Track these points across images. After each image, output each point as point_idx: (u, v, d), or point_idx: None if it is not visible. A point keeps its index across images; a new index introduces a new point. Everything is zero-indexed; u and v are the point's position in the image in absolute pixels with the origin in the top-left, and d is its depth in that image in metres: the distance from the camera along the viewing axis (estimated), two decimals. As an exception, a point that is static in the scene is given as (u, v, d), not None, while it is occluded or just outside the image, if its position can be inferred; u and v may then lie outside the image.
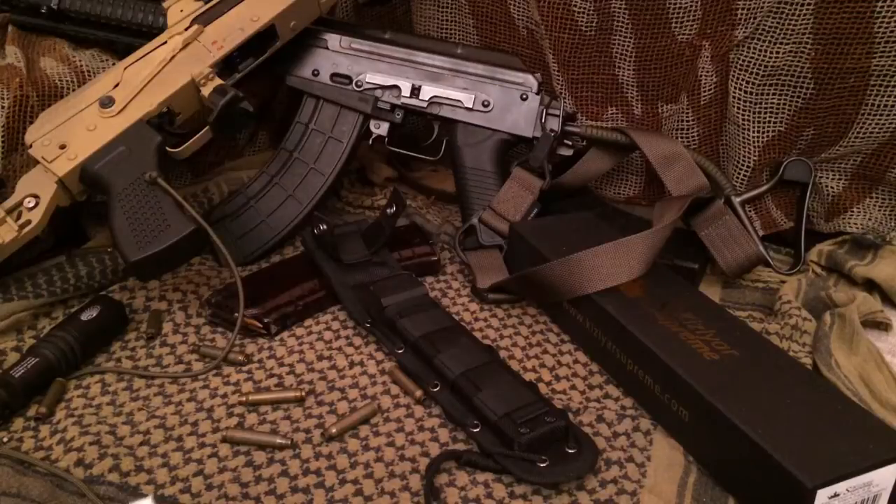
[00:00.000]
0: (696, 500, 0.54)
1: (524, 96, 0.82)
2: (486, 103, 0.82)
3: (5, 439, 0.58)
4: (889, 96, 0.75)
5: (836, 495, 0.48)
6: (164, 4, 0.77)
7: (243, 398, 0.62)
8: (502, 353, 0.68)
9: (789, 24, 0.73)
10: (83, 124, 0.70)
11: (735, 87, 0.78)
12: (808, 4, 0.72)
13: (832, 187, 0.83)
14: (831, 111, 0.78)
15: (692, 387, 0.55)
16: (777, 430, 0.51)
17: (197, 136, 0.74)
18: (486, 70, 0.83)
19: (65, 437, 0.58)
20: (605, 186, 0.94)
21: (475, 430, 0.57)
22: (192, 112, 0.75)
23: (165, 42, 0.74)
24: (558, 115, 0.82)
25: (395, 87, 0.83)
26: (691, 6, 0.79)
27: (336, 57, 0.84)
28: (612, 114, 0.89)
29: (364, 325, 0.70)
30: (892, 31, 0.71)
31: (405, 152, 0.87)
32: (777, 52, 0.75)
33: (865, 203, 0.82)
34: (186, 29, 0.74)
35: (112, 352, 0.68)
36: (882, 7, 0.70)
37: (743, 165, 0.82)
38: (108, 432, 0.58)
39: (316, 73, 0.84)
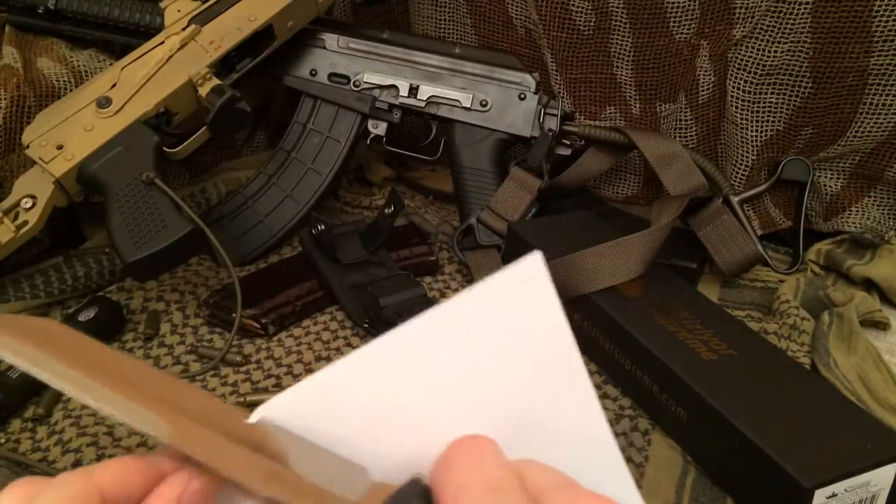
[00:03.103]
0: (694, 500, 0.54)
1: (522, 96, 0.82)
2: (484, 103, 0.82)
3: (2, 441, 0.58)
4: (887, 95, 0.75)
5: (833, 495, 0.48)
6: (162, 4, 0.77)
7: (241, 399, 0.62)
8: (500, 353, 0.68)
9: (787, 24, 0.73)
10: (80, 125, 0.69)
11: (733, 87, 0.78)
12: (806, 4, 0.72)
13: (830, 186, 0.83)
14: (829, 110, 0.78)
15: (690, 386, 0.55)
16: (775, 429, 0.51)
17: (194, 136, 0.74)
18: (484, 69, 0.82)
19: (62, 438, 0.58)
20: (604, 186, 0.94)
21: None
22: (190, 112, 0.75)
23: (163, 42, 0.74)
24: (556, 115, 0.82)
25: (393, 86, 0.83)
26: (689, 5, 0.78)
27: (334, 56, 0.83)
28: (610, 113, 0.89)
29: (362, 326, 0.70)
30: (890, 30, 0.71)
31: (403, 152, 0.87)
32: (775, 52, 0.75)
33: (864, 202, 0.82)
34: (184, 29, 0.74)
35: (110, 352, 0.68)
36: (880, 6, 0.70)
37: (741, 164, 0.82)
38: (105, 433, 0.58)
39: (314, 72, 0.84)
